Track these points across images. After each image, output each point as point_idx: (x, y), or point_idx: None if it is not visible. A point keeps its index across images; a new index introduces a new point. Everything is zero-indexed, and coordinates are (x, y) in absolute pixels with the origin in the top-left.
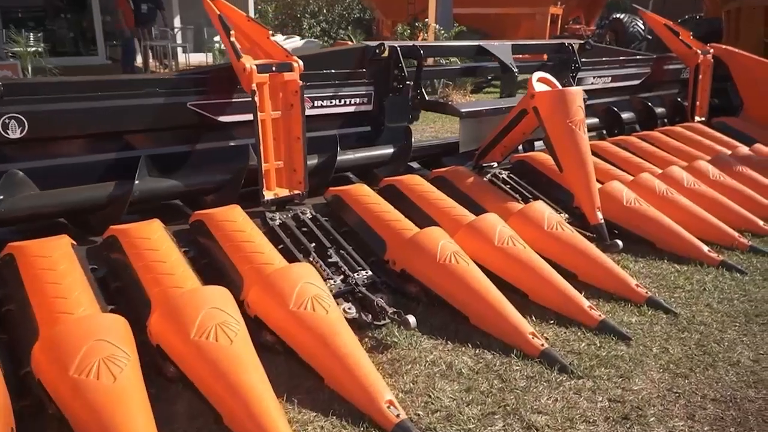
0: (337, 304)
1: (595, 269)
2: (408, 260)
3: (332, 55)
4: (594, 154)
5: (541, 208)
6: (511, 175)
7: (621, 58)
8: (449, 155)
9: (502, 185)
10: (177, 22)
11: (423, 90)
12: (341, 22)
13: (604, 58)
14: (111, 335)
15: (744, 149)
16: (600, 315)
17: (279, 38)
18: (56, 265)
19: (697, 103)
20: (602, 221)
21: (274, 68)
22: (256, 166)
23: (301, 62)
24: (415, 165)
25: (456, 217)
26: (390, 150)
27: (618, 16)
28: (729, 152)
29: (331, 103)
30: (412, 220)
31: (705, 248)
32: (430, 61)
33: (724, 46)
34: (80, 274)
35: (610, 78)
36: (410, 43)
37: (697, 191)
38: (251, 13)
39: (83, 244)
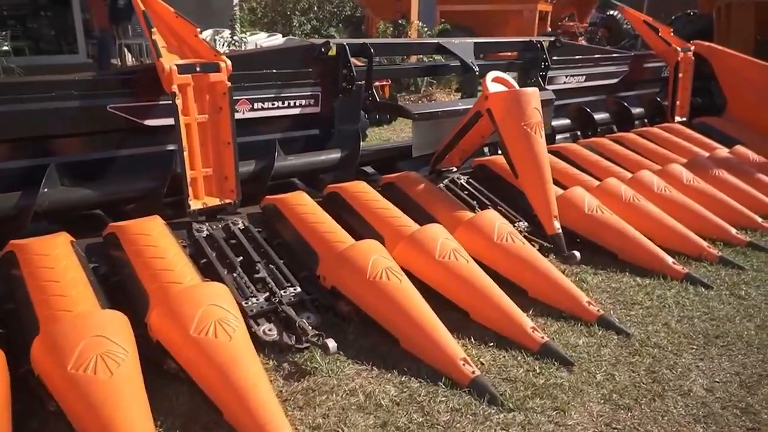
0: (257, 325)
1: (546, 285)
2: (338, 276)
3: (274, 54)
4: (561, 157)
5: (491, 218)
6: (470, 180)
7: (596, 56)
8: (405, 159)
9: (460, 192)
10: None
11: (375, 91)
12: (332, 20)
13: (578, 56)
14: (109, 331)
15: (722, 152)
16: (543, 337)
17: (261, 36)
18: (56, 262)
19: (677, 102)
20: (560, 231)
21: (198, 68)
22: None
23: (229, 62)
24: (369, 170)
25: (399, 228)
26: (337, 154)
27: (612, 13)
28: (707, 155)
29: (273, 105)
30: (353, 230)
31: (669, 260)
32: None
33: (707, 43)
34: (79, 271)
35: (584, 77)
36: (360, 41)
37: (667, 197)
38: (237, 12)
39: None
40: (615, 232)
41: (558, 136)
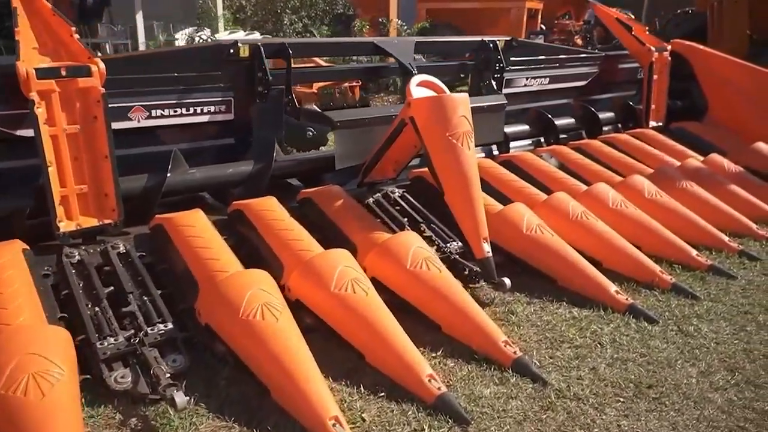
0: (110, 370)
1: (459, 320)
2: (212, 312)
3: (176, 55)
4: (511, 167)
5: (406, 241)
6: (405, 194)
7: (561, 56)
8: (333, 171)
9: (391, 208)
10: (140, 18)
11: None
12: (324, 18)
13: (540, 57)
14: (46, 349)
15: (695, 161)
16: (440, 388)
17: (240, 35)
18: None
19: (653, 106)
20: (489, 255)
21: (63, 72)
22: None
23: (102, 65)
24: (295, 182)
25: (299, 253)
26: (249, 167)
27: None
28: (678, 164)
29: (175, 111)
30: (252, 255)
31: (612, 289)
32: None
33: (687, 42)
34: (28, 281)
35: (547, 79)
36: (279, 40)
37: (623, 213)
38: (219, 10)
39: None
40: (554, 255)
41: (516, 143)
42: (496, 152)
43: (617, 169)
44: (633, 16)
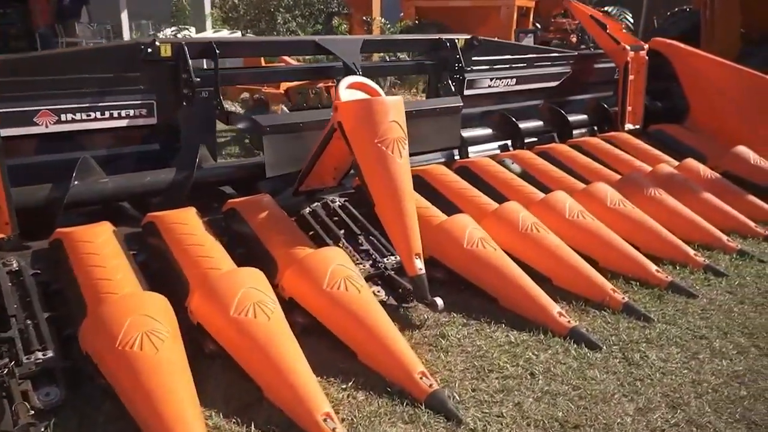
0: None
1: (375, 347)
2: (90, 341)
3: (88, 54)
4: (467, 174)
5: (325, 259)
6: (347, 204)
7: (530, 56)
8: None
9: (327, 219)
10: (125, 17)
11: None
12: (318, 17)
13: (506, 57)
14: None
15: (667, 167)
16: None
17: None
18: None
19: (629, 108)
20: (422, 272)
21: None
22: None
23: None
24: (228, 190)
25: (206, 272)
26: (170, 174)
27: (606, 9)
28: (649, 170)
29: (89, 116)
30: (162, 272)
31: (555, 310)
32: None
33: (667, 41)
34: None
35: (514, 80)
36: (206, 38)
37: (579, 225)
38: (207, 8)
39: None
40: (495, 272)
41: (480, 148)
42: (457, 157)
43: (583, 175)
44: (630, 15)
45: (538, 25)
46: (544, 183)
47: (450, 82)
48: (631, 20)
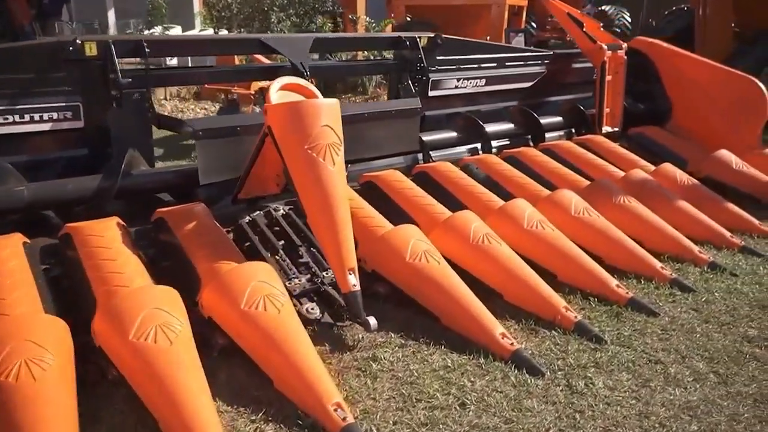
0: None
1: (290, 374)
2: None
3: (3, 54)
4: (424, 180)
5: (248, 274)
6: (291, 212)
7: (500, 55)
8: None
9: (267, 230)
10: (111, 15)
11: (153, 101)
12: (314, 15)
13: (475, 56)
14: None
15: (640, 172)
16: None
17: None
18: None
19: (606, 110)
20: (356, 289)
21: None
22: None
23: None
24: (167, 197)
25: (112, 289)
26: (95, 182)
27: (603, 8)
28: (621, 175)
29: (5, 119)
30: (73, 290)
31: (497, 332)
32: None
33: (649, 40)
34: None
35: (483, 80)
36: (135, 37)
37: (537, 235)
38: (196, 7)
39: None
40: (437, 288)
41: (446, 152)
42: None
43: (551, 181)
44: (628, 14)
45: (534, 24)
46: (508, 189)
47: (411, 82)
48: (629, 19)
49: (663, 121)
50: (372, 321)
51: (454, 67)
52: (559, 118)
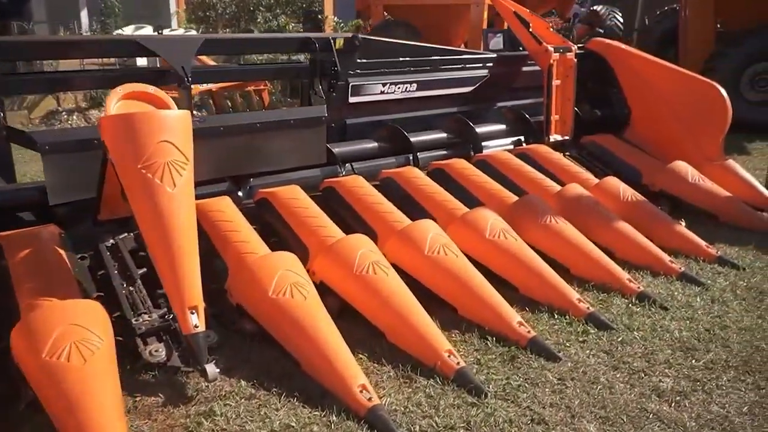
0: None
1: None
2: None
3: None
4: (330, 197)
5: (52, 318)
6: None
7: (434, 57)
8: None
9: (127, 255)
10: (84, 16)
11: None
12: (300, 16)
13: (405, 59)
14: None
15: (577, 188)
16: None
17: (129, 29)
18: None
19: (555, 116)
20: (197, 330)
21: None
22: None
23: None
24: (29, 216)
25: None
26: None
27: (595, 8)
28: (556, 190)
29: None
30: None
31: (357, 383)
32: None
33: (606, 41)
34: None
35: (414, 85)
36: None
37: (437, 262)
38: (173, 7)
39: None
40: (297, 329)
41: (369, 164)
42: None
43: (477, 196)
44: (620, 15)
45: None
46: (425, 207)
47: (322, 88)
48: (621, 20)
49: (621, 128)
50: (211, 369)
51: (379, 70)
52: (502, 126)
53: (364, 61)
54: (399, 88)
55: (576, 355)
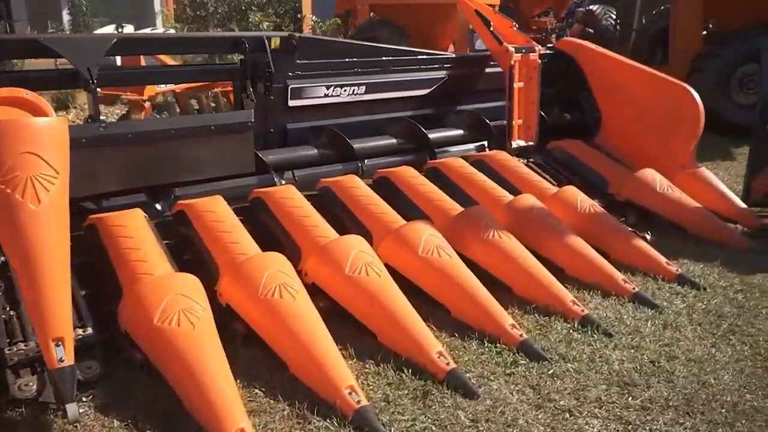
0: None
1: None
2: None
3: None
4: (258, 210)
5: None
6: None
7: (384, 58)
8: None
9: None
10: (65, 15)
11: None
12: (294, 15)
13: (352, 59)
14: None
15: (529, 199)
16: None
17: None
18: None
19: (518, 121)
20: (62, 365)
21: None
22: None
23: None
24: None
25: None
26: None
27: (591, 7)
28: (506, 202)
29: None
30: None
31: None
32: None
33: (576, 41)
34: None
35: (363, 87)
36: None
37: (359, 284)
38: (157, 6)
39: None
40: (178, 361)
41: (307, 172)
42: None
43: (422, 208)
44: (615, 14)
45: (515, 25)
46: (360, 220)
47: (257, 90)
48: (615, 19)
49: (592, 133)
50: (72, 410)
51: (322, 72)
52: (460, 132)
53: (305, 62)
54: (345, 90)
55: (498, 390)
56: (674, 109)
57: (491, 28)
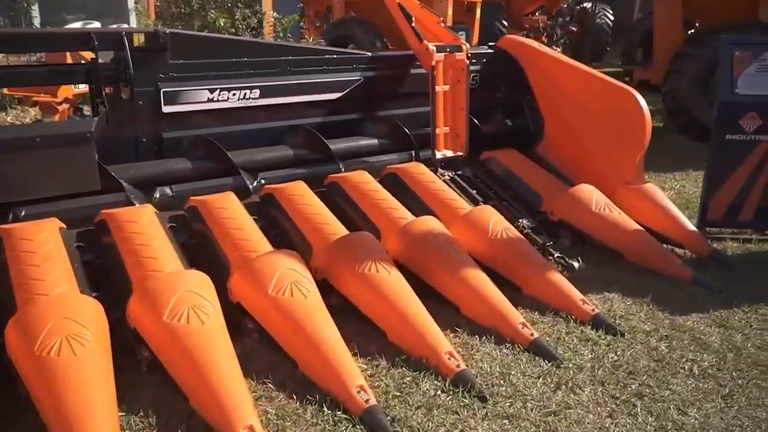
0: None
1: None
2: None
3: None
4: (101, 232)
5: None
6: None
7: (284, 58)
8: None
9: None
10: (35, 11)
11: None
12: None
13: (241, 60)
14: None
15: (429, 221)
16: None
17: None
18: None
19: (444, 129)
20: None
21: None
22: None
23: None
24: None
25: None
26: None
27: (584, 5)
28: (403, 223)
29: None
30: None
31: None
32: None
33: (519, 39)
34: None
35: (257, 91)
36: None
37: (175, 333)
38: (131, 2)
39: None
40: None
41: (186, 187)
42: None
43: (303, 231)
44: (610, 12)
45: (504, 23)
46: (221, 245)
47: (129, 96)
48: (611, 18)
49: (535, 142)
50: None
51: (203, 73)
52: (374, 141)
53: (181, 61)
54: (234, 94)
55: None
56: (618, 116)
57: (413, 24)
